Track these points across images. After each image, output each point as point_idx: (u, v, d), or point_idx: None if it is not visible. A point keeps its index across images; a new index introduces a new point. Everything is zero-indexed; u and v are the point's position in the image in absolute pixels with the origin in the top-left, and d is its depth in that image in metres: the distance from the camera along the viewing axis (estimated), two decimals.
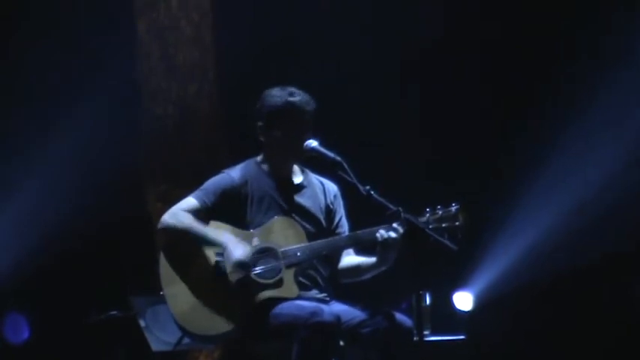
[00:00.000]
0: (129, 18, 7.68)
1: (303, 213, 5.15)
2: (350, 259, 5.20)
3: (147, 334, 5.99)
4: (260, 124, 5.15)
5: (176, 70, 7.62)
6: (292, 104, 5.08)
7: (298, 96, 5.10)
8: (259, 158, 5.22)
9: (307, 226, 5.11)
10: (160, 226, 5.08)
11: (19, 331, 7.84)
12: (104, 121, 7.56)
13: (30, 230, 7.56)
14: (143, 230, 7.34)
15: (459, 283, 7.81)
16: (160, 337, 5.97)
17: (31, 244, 7.51)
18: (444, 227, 4.93)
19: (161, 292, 5.03)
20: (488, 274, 7.81)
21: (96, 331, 6.28)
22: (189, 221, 5.00)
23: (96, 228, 7.65)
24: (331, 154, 5.00)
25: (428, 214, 4.97)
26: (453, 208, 4.97)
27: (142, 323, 6.03)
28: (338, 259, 5.21)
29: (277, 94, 5.11)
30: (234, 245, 4.94)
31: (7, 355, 7.74)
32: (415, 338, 4.88)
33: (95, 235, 7.67)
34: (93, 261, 7.72)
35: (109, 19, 7.71)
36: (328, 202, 5.24)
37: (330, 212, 5.24)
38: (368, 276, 5.14)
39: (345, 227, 5.26)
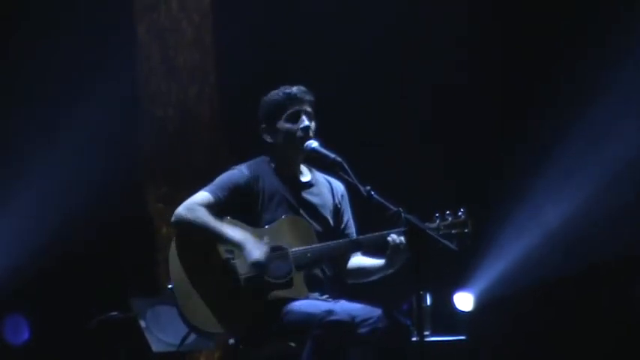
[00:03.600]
0: (129, 19, 7.67)
1: (312, 211, 5.17)
2: (358, 260, 5.22)
3: (147, 335, 5.99)
4: (263, 125, 5.17)
5: (176, 72, 7.62)
6: (290, 94, 5.13)
7: (295, 87, 5.17)
8: (267, 157, 5.24)
9: (316, 224, 5.13)
10: (174, 218, 5.05)
11: (20, 333, 7.84)
12: (104, 123, 7.55)
13: (30, 231, 7.55)
14: (144, 231, 7.34)
15: (459, 284, 7.81)
16: (161, 338, 5.97)
17: (31, 245, 7.50)
18: (454, 234, 4.96)
19: (169, 287, 5.01)
20: (488, 274, 7.81)
21: (96, 333, 6.28)
22: (206, 217, 4.98)
23: (96, 229, 7.65)
24: (332, 155, 5.01)
25: (438, 221, 4.99)
26: (462, 214, 4.98)
27: (143, 324, 6.03)
28: (346, 260, 5.23)
29: (274, 92, 5.19)
30: (252, 245, 4.94)
31: (8, 357, 7.74)
32: (415, 339, 4.87)
33: (96, 236, 7.67)
34: (93, 262, 7.72)
35: (109, 20, 7.71)
36: (336, 201, 5.26)
37: (338, 211, 5.26)
38: (374, 278, 5.16)
39: (352, 228, 5.29)
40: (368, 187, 4.86)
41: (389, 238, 4.96)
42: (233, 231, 4.99)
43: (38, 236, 7.52)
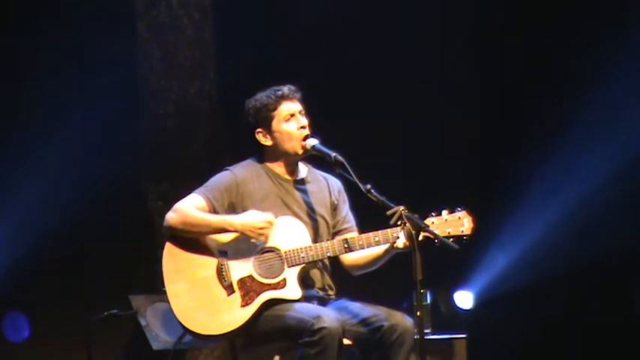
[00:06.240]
0: (129, 16, 7.66)
1: (308, 209, 5.16)
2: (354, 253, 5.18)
3: (147, 333, 5.99)
4: (259, 129, 5.16)
5: (176, 69, 7.61)
6: (283, 95, 5.13)
7: (285, 87, 5.17)
8: (259, 158, 5.22)
9: (312, 222, 5.13)
10: (164, 223, 5.07)
11: (20, 330, 7.84)
12: (105, 121, 7.56)
13: (30, 228, 7.56)
14: (143, 229, 7.34)
15: (459, 282, 7.81)
16: (160, 336, 5.97)
17: (31, 243, 7.51)
18: (449, 232, 4.92)
19: (163, 289, 5.02)
20: (488, 272, 7.82)
21: (96, 330, 6.28)
22: (192, 212, 4.99)
23: (96, 226, 7.65)
24: (332, 153, 5.01)
25: (433, 219, 4.96)
26: (459, 212, 4.95)
27: (142, 322, 6.03)
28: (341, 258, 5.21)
29: (262, 95, 5.18)
30: (240, 216, 4.95)
31: (8, 354, 7.74)
32: (416, 337, 4.86)
33: (95, 233, 7.67)
34: (93, 260, 7.73)
35: (110, 18, 7.70)
36: (333, 198, 5.26)
37: (335, 208, 5.26)
38: (381, 263, 5.11)
39: (352, 222, 5.28)
40: (368, 186, 4.85)
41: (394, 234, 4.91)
42: (217, 216, 4.99)
43: (38, 234, 7.52)
